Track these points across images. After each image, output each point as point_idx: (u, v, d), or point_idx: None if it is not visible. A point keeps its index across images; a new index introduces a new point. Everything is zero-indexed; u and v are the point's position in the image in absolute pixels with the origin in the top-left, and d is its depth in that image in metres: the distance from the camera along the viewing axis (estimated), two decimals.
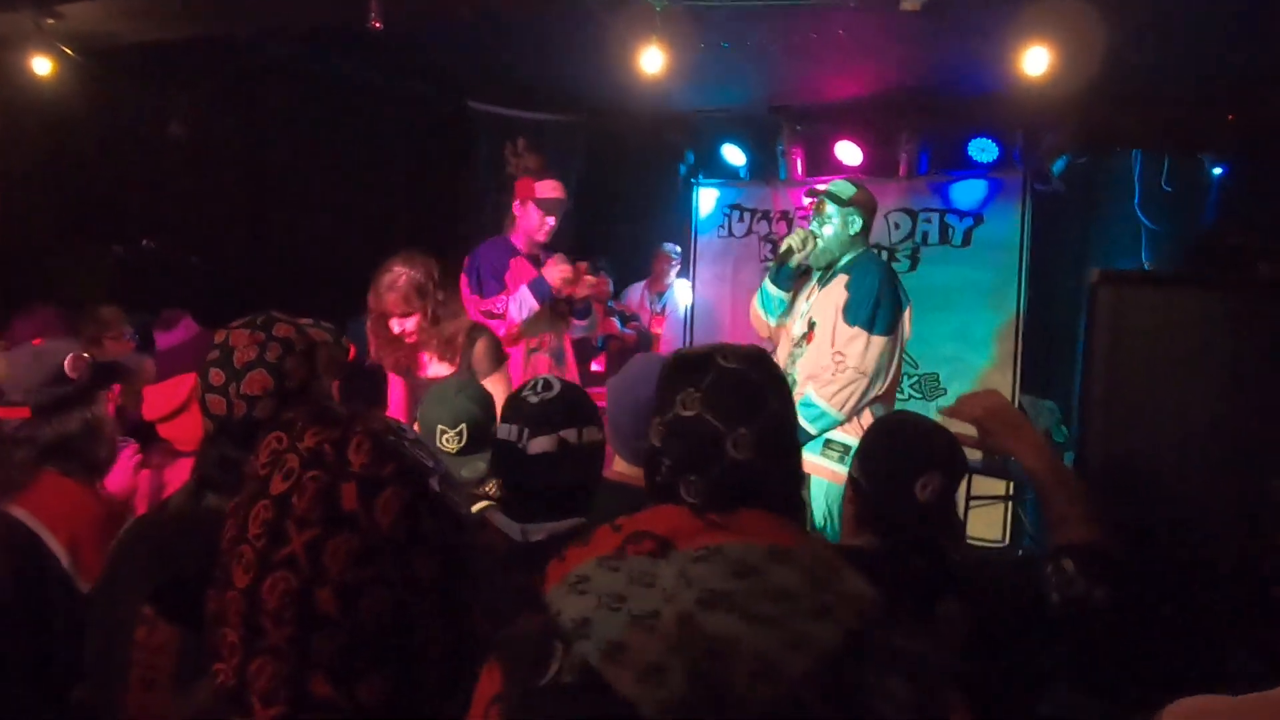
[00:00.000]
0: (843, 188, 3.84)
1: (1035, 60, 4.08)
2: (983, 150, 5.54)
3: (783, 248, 3.90)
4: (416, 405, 3.20)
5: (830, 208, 3.80)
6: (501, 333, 4.23)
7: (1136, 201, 5.36)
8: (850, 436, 3.67)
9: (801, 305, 3.94)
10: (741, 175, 6.40)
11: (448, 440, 2.50)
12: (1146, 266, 5.19)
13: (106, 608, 1.62)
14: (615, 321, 6.41)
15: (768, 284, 3.99)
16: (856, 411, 3.68)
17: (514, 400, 1.98)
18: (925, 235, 5.77)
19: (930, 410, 5.39)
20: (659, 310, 6.87)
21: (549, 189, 4.31)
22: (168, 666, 1.39)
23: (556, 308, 4.32)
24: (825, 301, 3.80)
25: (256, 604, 0.87)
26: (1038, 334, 5.55)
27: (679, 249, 6.72)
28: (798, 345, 3.88)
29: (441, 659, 0.92)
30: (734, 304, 6.28)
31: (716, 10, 4.14)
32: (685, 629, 1.05)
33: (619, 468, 2.34)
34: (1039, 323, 5.55)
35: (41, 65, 4.64)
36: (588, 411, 1.98)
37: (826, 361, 3.71)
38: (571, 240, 6.04)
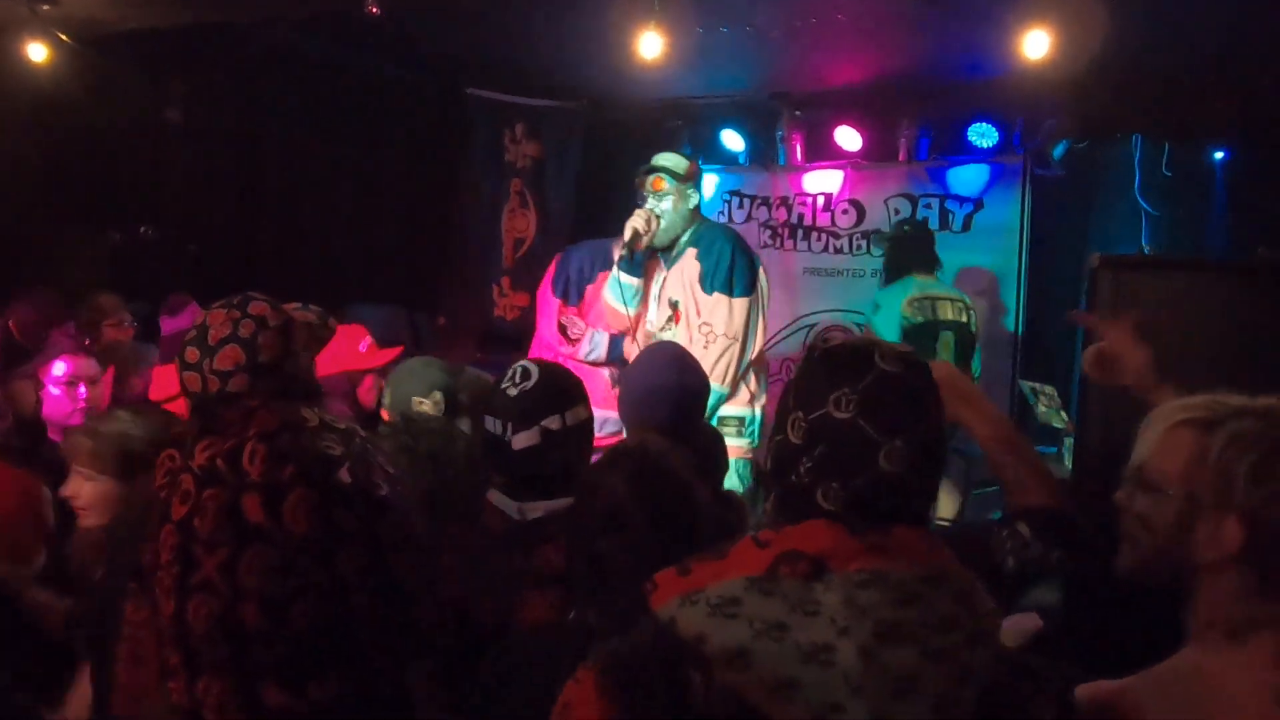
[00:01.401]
0: (677, 162, 3.85)
1: (1035, 44, 4.05)
2: (983, 135, 5.51)
3: (628, 234, 3.78)
4: None
5: (667, 183, 3.78)
6: (562, 349, 4.22)
7: (1137, 186, 5.34)
8: (742, 408, 3.73)
9: (654, 290, 3.91)
10: (741, 161, 6.37)
11: (425, 409, 2.49)
12: (1147, 251, 5.16)
13: (106, 587, 1.63)
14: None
15: (620, 273, 3.87)
16: (739, 380, 3.71)
17: (496, 392, 1.97)
18: (925, 221, 5.75)
19: None
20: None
21: None
22: (152, 643, 1.39)
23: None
24: (678, 279, 3.80)
25: (185, 628, 0.85)
26: (1038, 319, 5.54)
27: None
28: (663, 330, 3.87)
29: (387, 643, 0.90)
30: None
31: None
32: (869, 665, 1.00)
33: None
34: (1039, 307, 5.53)
35: (37, 51, 4.63)
36: (570, 394, 1.97)
37: (698, 336, 3.70)
38: (570, 229, 6.04)
